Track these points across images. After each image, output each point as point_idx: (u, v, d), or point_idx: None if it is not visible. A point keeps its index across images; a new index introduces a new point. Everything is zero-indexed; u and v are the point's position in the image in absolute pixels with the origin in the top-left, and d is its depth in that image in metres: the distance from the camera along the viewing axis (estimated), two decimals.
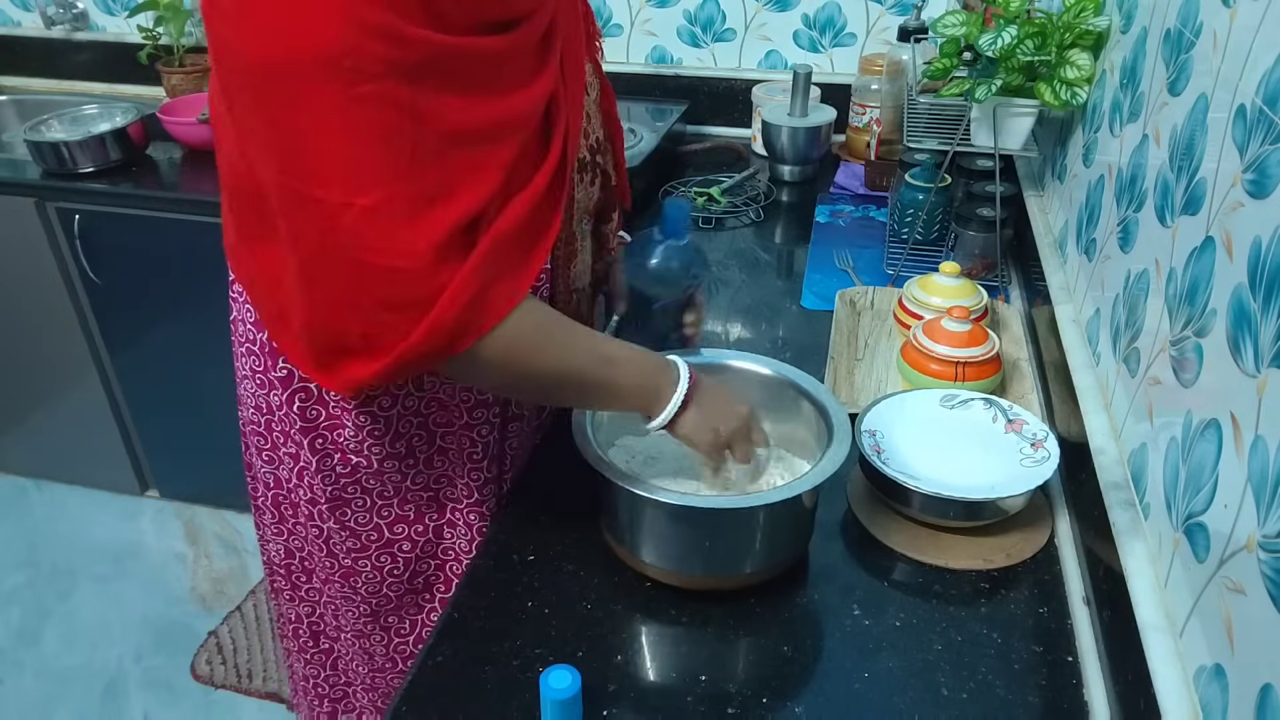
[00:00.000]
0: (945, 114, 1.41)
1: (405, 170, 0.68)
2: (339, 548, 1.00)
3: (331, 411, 0.92)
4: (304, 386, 0.91)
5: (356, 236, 0.69)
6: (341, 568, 1.02)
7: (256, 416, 0.96)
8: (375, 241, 0.69)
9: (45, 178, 1.93)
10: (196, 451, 2.18)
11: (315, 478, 0.95)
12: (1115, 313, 0.96)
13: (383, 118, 0.67)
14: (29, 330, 2.17)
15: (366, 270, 0.70)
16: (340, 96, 0.65)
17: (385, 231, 0.69)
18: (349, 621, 1.07)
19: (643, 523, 0.84)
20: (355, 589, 1.03)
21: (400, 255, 0.69)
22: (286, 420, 0.93)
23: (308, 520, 1.00)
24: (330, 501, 0.96)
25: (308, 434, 0.92)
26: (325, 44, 0.64)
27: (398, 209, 0.69)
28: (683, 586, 0.86)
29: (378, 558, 1.01)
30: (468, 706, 0.77)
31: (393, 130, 0.67)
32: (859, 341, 1.27)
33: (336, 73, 0.65)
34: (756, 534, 0.84)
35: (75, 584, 2.21)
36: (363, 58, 0.65)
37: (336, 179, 0.68)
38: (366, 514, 0.98)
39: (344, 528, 0.98)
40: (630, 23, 2.06)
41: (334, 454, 0.94)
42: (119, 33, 2.37)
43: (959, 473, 0.94)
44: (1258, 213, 0.64)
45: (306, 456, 0.94)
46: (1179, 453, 0.73)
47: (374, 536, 0.99)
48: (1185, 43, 0.86)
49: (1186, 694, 0.64)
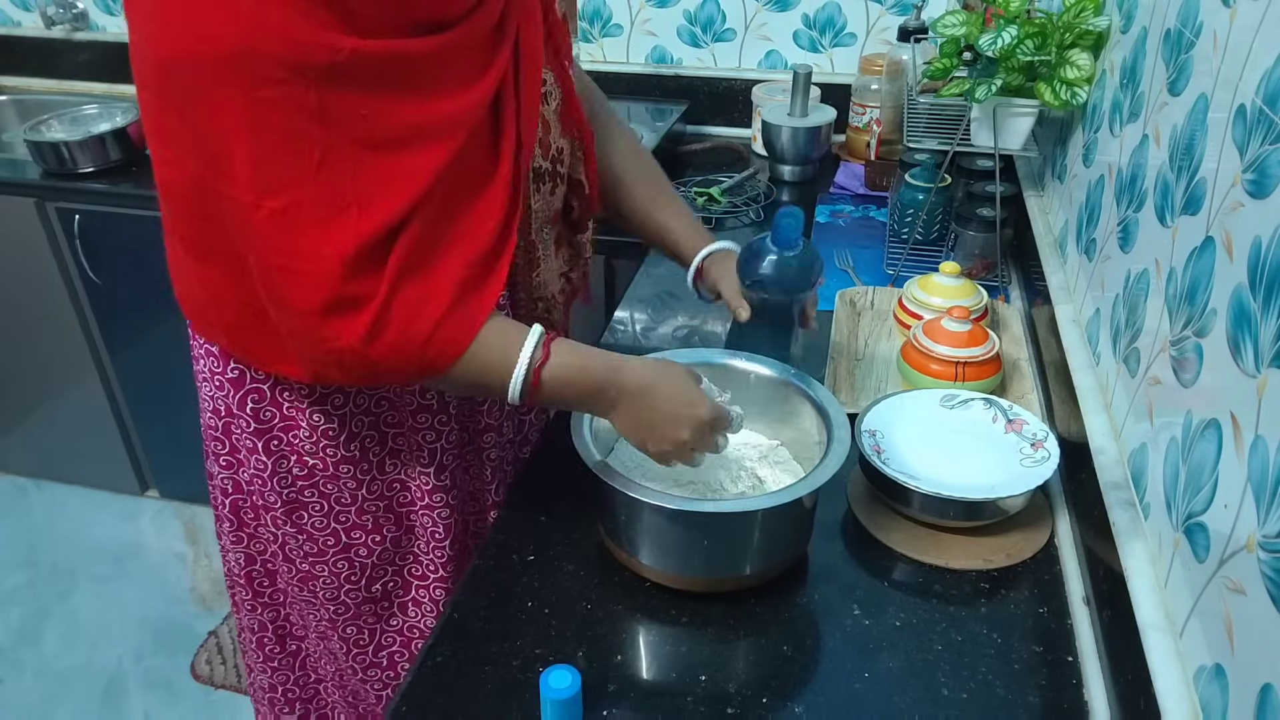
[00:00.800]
0: (945, 114, 1.41)
1: (313, 175, 0.67)
2: (295, 553, 0.99)
3: (285, 413, 0.91)
4: (256, 388, 0.90)
5: (266, 238, 0.69)
6: (299, 572, 1.01)
7: (215, 420, 0.95)
8: (282, 244, 0.69)
9: (45, 178, 1.93)
10: (196, 451, 2.15)
11: (271, 480, 0.94)
12: (1115, 313, 0.96)
13: (287, 122, 0.66)
14: (29, 330, 2.17)
15: (274, 273, 0.71)
16: (243, 98, 0.65)
17: (291, 235, 0.69)
18: (312, 624, 1.06)
19: (641, 526, 0.84)
20: (315, 593, 1.02)
21: (304, 259, 0.69)
22: (240, 423, 0.92)
23: (263, 527, 0.99)
24: (286, 505, 0.95)
25: (262, 436, 0.92)
26: (224, 44, 0.64)
27: (305, 214, 0.68)
28: (682, 589, 0.86)
29: (335, 564, 0.99)
30: (468, 706, 0.77)
31: (299, 135, 0.66)
32: (859, 341, 1.27)
33: (238, 74, 0.64)
34: (755, 536, 0.84)
35: (75, 584, 2.21)
36: (262, 61, 0.64)
37: (247, 180, 0.67)
38: (324, 519, 0.97)
39: (301, 531, 0.97)
40: (630, 23, 2.06)
41: (290, 456, 0.93)
42: (119, 33, 2.37)
43: (959, 473, 0.94)
44: (1258, 213, 0.64)
45: (261, 460, 0.93)
46: (1179, 453, 0.73)
47: (331, 542, 0.98)
48: (1185, 43, 0.86)
49: (1186, 694, 0.64)
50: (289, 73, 0.64)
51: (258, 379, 0.89)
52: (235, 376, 0.90)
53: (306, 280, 0.70)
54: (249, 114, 0.65)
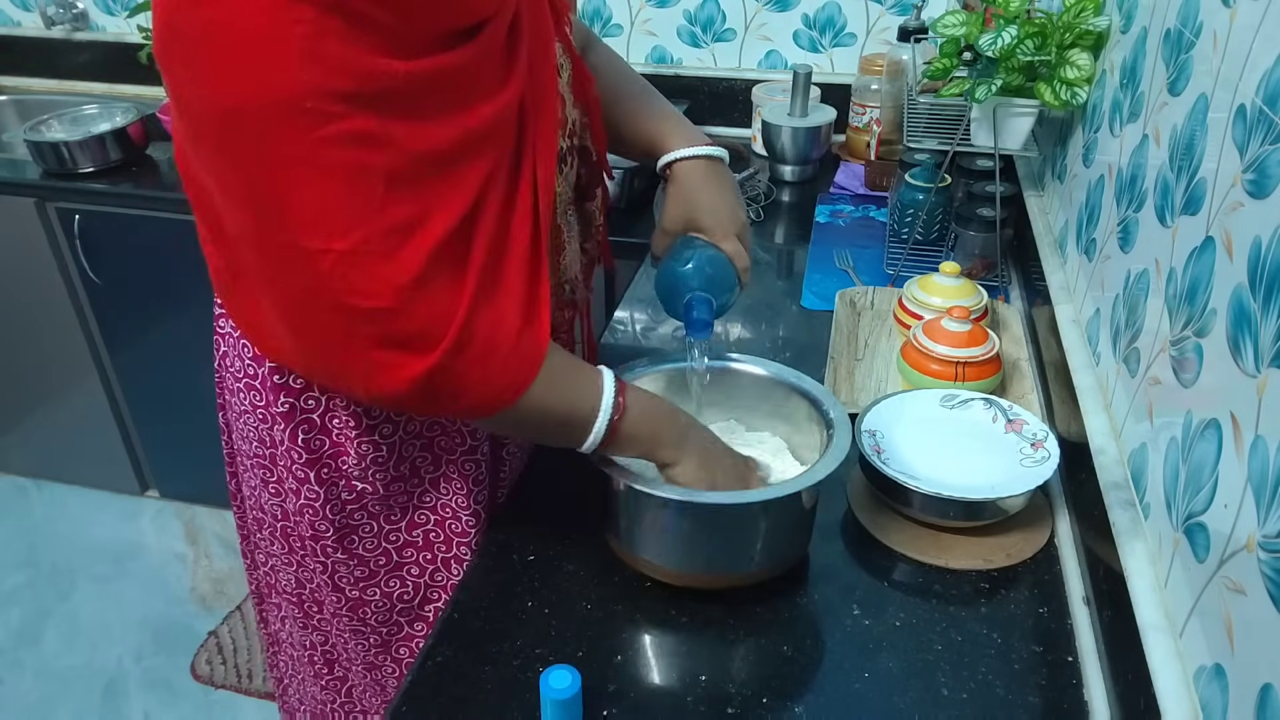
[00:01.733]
0: (945, 114, 1.41)
1: (379, 207, 0.67)
2: (345, 579, 0.98)
3: (335, 439, 0.90)
4: (306, 418, 0.89)
5: (338, 280, 0.68)
6: (349, 600, 0.99)
7: (261, 450, 0.93)
8: (358, 284, 0.68)
9: (45, 178, 1.93)
10: (196, 451, 2.18)
11: (323, 509, 0.93)
12: (1115, 313, 0.96)
13: (351, 157, 0.65)
14: (29, 330, 2.17)
15: (353, 314, 0.69)
16: (306, 140, 0.63)
17: (366, 273, 0.68)
18: (359, 654, 1.05)
19: (643, 520, 0.84)
20: (364, 620, 1.01)
21: (385, 296, 0.68)
22: (290, 455, 0.91)
23: (312, 556, 0.98)
24: (338, 531, 0.94)
25: (313, 466, 0.90)
26: (286, 87, 0.62)
27: (375, 248, 0.67)
28: (682, 585, 0.86)
29: (387, 583, 0.98)
30: (468, 706, 0.77)
31: (362, 168, 0.66)
32: (859, 341, 1.27)
33: (298, 116, 0.63)
34: (756, 531, 0.84)
35: (75, 584, 2.21)
36: (324, 98, 0.63)
37: (310, 225, 0.66)
38: (375, 539, 0.96)
39: (352, 556, 0.96)
40: (630, 23, 2.06)
41: (339, 481, 0.92)
42: (119, 33, 2.37)
43: (959, 473, 0.94)
44: (1258, 213, 0.64)
45: (312, 490, 0.92)
46: (1179, 453, 0.73)
47: (383, 562, 0.97)
48: (1185, 43, 0.86)
49: (1186, 694, 0.64)
50: (349, 106, 0.64)
51: (306, 409, 0.88)
52: (285, 411, 0.88)
53: (390, 314, 0.69)
54: (312, 155, 0.64)
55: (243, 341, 0.89)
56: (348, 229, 0.66)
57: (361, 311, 0.69)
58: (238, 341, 0.90)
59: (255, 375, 0.89)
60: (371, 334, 0.70)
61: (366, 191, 0.66)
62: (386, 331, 0.70)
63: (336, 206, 0.66)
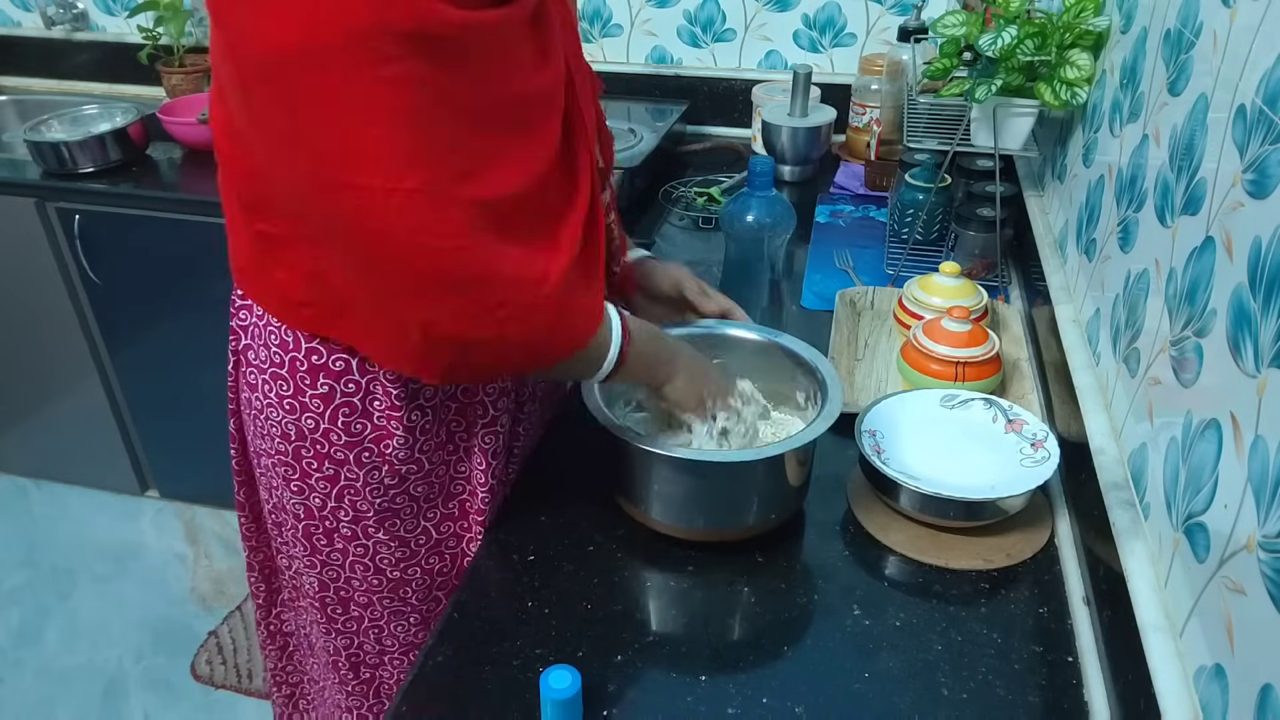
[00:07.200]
0: (945, 114, 1.41)
1: (445, 149, 0.67)
2: (386, 560, 0.98)
3: (377, 423, 0.90)
4: (347, 402, 0.88)
5: (406, 219, 0.67)
6: (390, 581, 0.99)
7: (284, 445, 0.92)
8: (427, 223, 0.68)
9: (45, 178, 1.93)
10: (196, 451, 2.18)
11: (361, 493, 0.93)
12: (1115, 313, 0.96)
13: (412, 99, 0.65)
14: (29, 330, 2.17)
15: (422, 253, 0.68)
16: (368, 79, 0.64)
17: (434, 213, 0.68)
18: (396, 639, 1.04)
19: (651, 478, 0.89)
20: (405, 600, 1.01)
21: (454, 235, 0.69)
22: (324, 442, 0.90)
23: (349, 542, 0.97)
24: (379, 514, 0.94)
25: (353, 448, 0.90)
26: (352, 22, 0.62)
27: (442, 190, 0.68)
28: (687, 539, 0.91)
29: (427, 561, 0.99)
30: (468, 706, 0.77)
31: (423, 111, 0.66)
32: (859, 341, 1.27)
33: (363, 54, 0.63)
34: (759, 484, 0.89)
35: (75, 584, 2.21)
36: (387, 37, 0.63)
37: (375, 165, 0.66)
38: (415, 519, 0.96)
39: (393, 538, 0.96)
40: (630, 23, 2.06)
41: (381, 467, 0.92)
42: (119, 33, 2.37)
43: (959, 473, 0.94)
44: (1258, 213, 0.64)
45: (351, 473, 0.92)
46: (1179, 453, 0.73)
47: (423, 540, 0.98)
48: (1185, 43, 0.86)
49: (1186, 694, 0.64)
50: (409, 49, 0.64)
51: (347, 393, 0.88)
52: (325, 393, 0.88)
53: (461, 254, 0.69)
54: (373, 94, 0.64)
55: (270, 328, 0.88)
56: (414, 167, 0.66)
57: (434, 250, 0.69)
58: (264, 329, 0.89)
59: (283, 363, 0.88)
60: (446, 274, 0.70)
61: (430, 133, 0.67)
62: (462, 272, 0.70)
63: (401, 146, 0.66)
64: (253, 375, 0.92)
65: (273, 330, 0.88)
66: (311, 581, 1.02)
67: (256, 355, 0.90)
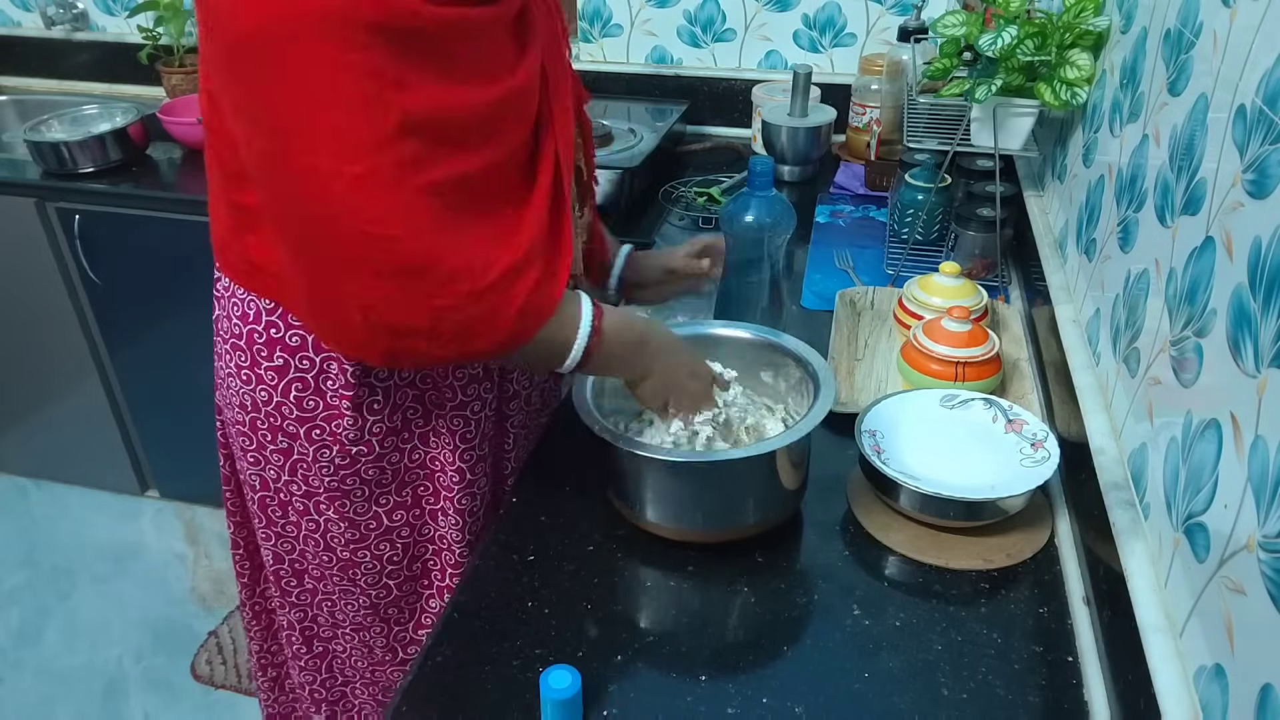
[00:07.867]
0: (945, 114, 1.41)
1: (390, 139, 0.68)
2: (336, 540, 1.00)
3: (329, 401, 0.91)
4: (300, 377, 0.90)
5: (351, 203, 0.69)
6: (340, 560, 1.01)
7: (241, 415, 0.95)
8: (369, 209, 0.69)
9: (45, 178, 1.93)
10: (196, 451, 2.18)
11: (312, 469, 0.94)
12: (1115, 313, 0.96)
13: (368, 87, 0.67)
14: (29, 330, 2.17)
15: (359, 239, 0.70)
16: (329, 62, 0.65)
17: (377, 199, 0.69)
18: (347, 616, 1.06)
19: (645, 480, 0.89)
20: (354, 581, 1.02)
21: (394, 224, 0.70)
22: (277, 415, 0.92)
23: (301, 516, 0.99)
24: (329, 493, 0.96)
25: (304, 424, 0.92)
26: (328, 5, 0.64)
27: (385, 177, 0.69)
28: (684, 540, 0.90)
29: (377, 546, 1.00)
30: (468, 706, 0.77)
31: (378, 100, 0.67)
32: (859, 341, 1.27)
33: (327, 37, 0.65)
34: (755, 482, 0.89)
35: (75, 584, 2.21)
36: (351, 24, 0.65)
37: (325, 146, 0.68)
38: (365, 503, 0.97)
39: (343, 519, 0.98)
40: (630, 23, 2.06)
41: (332, 446, 0.93)
42: (119, 33, 2.37)
43: (959, 473, 0.94)
44: (1258, 213, 0.64)
45: (303, 448, 0.93)
46: (1179, 453, 0.73)
47: (373, 525, 0.99)
48: (1185, 43, 0.86)
49: (1186, 694, 0.64)
50: (373, 37, 0.66)
51: (301, 369, 0.90)
52: (279, 365, 0.90)
53: (400, 242, 0.70)
54: (333, 78, 0.66)
55: (234, 300, 0.90)
56: (361, 154, 0.68)
57: (371, 236, 0.70)
58: (228, 300, 0.91)
59: (241, 334, 0.90)
60: (380, 261, 0.71)
61: (380, 123, 0.68)
62: (396, 261, 0.71)
63: (351, 131, 0.67)
64: (218, 344, 0.94)
65: (235, 301, 0.90)
66: (267, 553, 1.04)
67: (223, 324, 0.93)
